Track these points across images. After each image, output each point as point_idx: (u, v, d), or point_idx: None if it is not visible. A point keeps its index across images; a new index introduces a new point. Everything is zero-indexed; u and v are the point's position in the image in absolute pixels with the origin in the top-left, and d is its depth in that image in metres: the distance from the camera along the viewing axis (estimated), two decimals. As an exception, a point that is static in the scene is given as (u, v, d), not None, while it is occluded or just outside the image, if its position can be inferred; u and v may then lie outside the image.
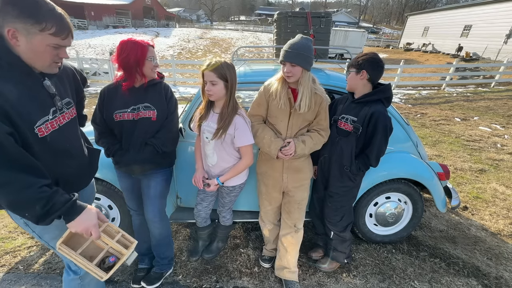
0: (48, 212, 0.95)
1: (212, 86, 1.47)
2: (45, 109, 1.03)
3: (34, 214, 0.94)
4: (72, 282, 1.31)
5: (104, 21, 31.25)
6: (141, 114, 1.48)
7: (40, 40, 0.92)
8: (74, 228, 1.04)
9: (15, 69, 0.94)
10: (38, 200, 0.93)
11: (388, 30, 49.15)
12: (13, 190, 0.89)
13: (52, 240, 1.17)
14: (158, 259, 1.85)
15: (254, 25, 48.57)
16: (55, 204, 0.96)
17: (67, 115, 1.14)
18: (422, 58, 18.58)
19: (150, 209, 1.67)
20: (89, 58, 9.94)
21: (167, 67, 10.55)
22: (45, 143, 1.02)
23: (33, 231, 1.17)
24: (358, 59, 1.59)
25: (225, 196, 1.83)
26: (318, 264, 2.05)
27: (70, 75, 1.23)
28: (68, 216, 1.02)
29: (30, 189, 0.92)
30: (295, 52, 1.44)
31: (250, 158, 1.64)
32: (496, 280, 2.00)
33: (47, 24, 0.90)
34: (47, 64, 0.98)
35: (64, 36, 0.96)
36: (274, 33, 3.01)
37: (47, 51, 0.95)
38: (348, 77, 1.65)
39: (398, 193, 2.13)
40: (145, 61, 1.41)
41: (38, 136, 0.99)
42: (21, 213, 0.96)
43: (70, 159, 1.15)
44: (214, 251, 2.10)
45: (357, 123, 1.62)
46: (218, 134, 1.54)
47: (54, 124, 1.06)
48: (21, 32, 0.89)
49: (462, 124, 6.11)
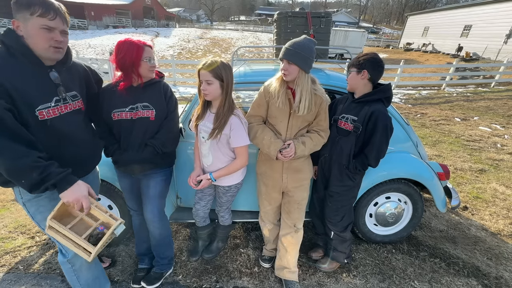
0: (43, 180, 1.06)
1: (208, 86, 1.46)
2: (48, 97, 1.16)
3: (30, 181, 1.05)
4: (64, 266, 1.40)
5: (104, 21, 31.28)
6: (139, 114, 1.48)
7: (32, 24, 1.05)
8: (66, 198, 1.12)
9: (26, 59, 1.09)
10: (35, 168, 1.04)
11: (388, 30, 49.15)
12: (11, 156, 1.02)
13: (43, 221, 1.25)
14: (158, 259, 1.85)
15: (254, 25, 48.57)
16: (51, 173, 1.07)
17: (71, 106, 1.26)
18: (422, 58, 18.58)
19: (149, 209, 1.67)
20: (89, 58, 9.96)
21: (167, 67, 10.56)
22: (44, 126, 1.15)
23: (28, 211, 1.27)
24: (359, 59, 1.59)
25: (222, 196, 1.83)
26: (318, 264, 2.05)
27: (81, 72, 1.36)
28: (61, 185, 1.11)
29: (27, 158, 1.04)
30: (293, 50, 1.43)
31: (245, 159, 1.63)
32: (496, 280, 2.00)
33: (35, 8, 1.04)
34: (45, 47, 1.09)
35: (51, 17, 1.07)
36: (274, 33, 3.01)
37: (41, 33, 1.07)
38: (349, 77, 1.65)
39: (398, 193, 2.13)
40: (141, 62, 1.40)
41: (38, 119, 1.13)
42: (18, 179, 1.06)
43: (70, 145, 1.27)
44: (214, 251, 2.10)
45: (358, 122, 1.62)
46: (213, 134, 1.53)
47: (55, 111, 1.19)
48: (21, 21, 1.06)
49: (462, 124, 6.11)
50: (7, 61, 1.07)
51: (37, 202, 1.25)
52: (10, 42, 1.07)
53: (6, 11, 25.23)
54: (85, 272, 1.45)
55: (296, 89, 1.50)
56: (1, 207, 2.71)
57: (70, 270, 1.40)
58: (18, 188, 1.22)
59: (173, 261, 1.95)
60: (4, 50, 1.08)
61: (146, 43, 1.43)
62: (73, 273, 1.41)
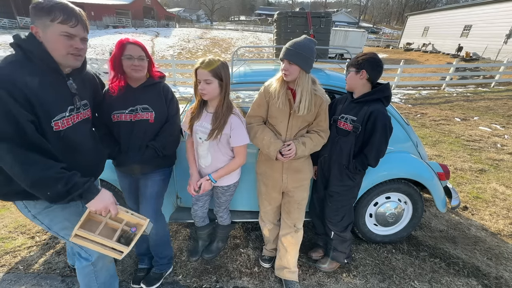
0: (69, 191, 1.07)
1: (206, 85, 1.43)
2: (64, 106, 1.15)
3: (56, 193, 1.05)
4: (85, 269, 1.37)
5: (104, 21, 31.25)
6: (138, 116, 1.48)
7: (53, 30, 1.02)
8: (94, 207, 1.15)
9: (45, 65, 1.06)
10: (59, 180, 1.05)
11: (388, 30, 49.14)
12: (36, 169, 1.01)
13: (61, 231, 1.26)
14: (157, 258, 1.85)
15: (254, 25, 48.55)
16: (76, 184, 1.08)
17: (82, 115, 1.25)
18: (422, 58, 18.58)
19: (145, 208, 1.66)
20: (89, 58, 9.95)
21: (167, 67, 10.55)
22: (58, 137, 1.13)
23: (42, 222, 1.24)
24: (358, 59, 1.59)
25: (221, 196, 1.83)
26: (318, 264, 2.05)
27: (91, 79, 1.37)
28: (88, 195, 1.13)
29: (51, 170, 1.04)
30: (294, 50, 1.43)
31: (244, 158, 1.63)
32: (496, 280, 2.00)
33: (56, 14, 1.01)
34: (64, 54, 1.07)
35: (73, 24, 1.04)
36: (274, 33, 3.01)
37: (61, 40, 1.04)
38: (348, 77, 1.65)
39: (398, 193, 2.13)
40: (121, 59, 1.39)
41: (53, 130, 1.11)
42: (43, 191, 1.05)
43: (78, 155, 1.25)
44: (214, 251, 2.10)
45: (357, 122, 1.62)
46: (213, 134, 1.51)
47: (69, 121, 1.17)
48: (40, 28, 1.03)
49: (462, 124, 6.11)
50: (26, 67, 1.03)
51: (48, 213, 1.22)
52: (30, 47, 1.03)
53: (6, 10, 25.27)
54: (104, 272, 1.44)
55: (297, 89, 1.50)
56: (1, 207, 2.71)
57: (91, 272, 1.38)
58: (22, 202, 1.19)
59: (172, 261, 1.94)
60: (21, 54, 1.04)
61: (130, 40, 1.40)
62: (93, 274, 1.39)
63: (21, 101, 0.98)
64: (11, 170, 1.01)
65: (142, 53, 1.42)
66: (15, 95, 0.96)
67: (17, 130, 0.98)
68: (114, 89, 1.46)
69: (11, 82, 0.96)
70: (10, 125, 0.96)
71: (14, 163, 0.99)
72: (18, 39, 1.04)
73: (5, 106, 0.95)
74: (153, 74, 1.54)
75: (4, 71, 0.98)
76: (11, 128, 0.96)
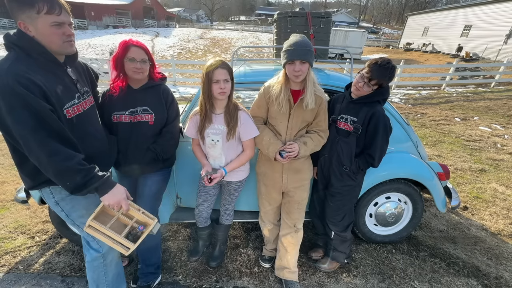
0: (86, 183, 1.10)
1: (226, 84, 1.45)
2: (72, 93, 1.18)
3: (75, 183, 1.08)
4: (95, 262, 1.39)
5: (104, 21, 31.25)
6: (138, 118, 1.48)
7: (42, 22, 1.02)
8: (108, 201, 1.17)
9: (44, 58, 1.07)
10: (79, 171, 1.08)
11: (388, 30, 49.14)
12: (59, 159, 1.04)
13: (78, 219, 1.29)
14: (143, 266, 1.77)
15: (254, 25, 48.56)
16: (94, 177, 1.11)
17: (88, 102, 1.28)
18: (422, 58, 18.58)
19: (142, 207, 1.63)
20: (89, 58, 9.95)
21: (167, 67, 10.54)
22: (72, 124, 1.16)
23: (62, 209, 1.28)
24: (386, 77, 1.50)
25: (233, 193, 1.84)
26: (318, 264, 2.05)
27: (84, 69, 1.37)
28: (103, 189, 1.16)
29: (72, 160, 1.06)
30: (304, 49, 1.41)
31: (253, 150, 1.67)
32: (496, 280, 2.00)
33: (39, 5, 1.00)
34: (60, 43, 1.08)
35: (58, 12, 1.04)
36: (274, 33, 3.01)
37: (53, 31, 1.05)
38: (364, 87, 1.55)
39: (398, 193, 2.13)
40: (123, 61, 1.39)
41: (66, 117, 1.14)
42: (64, 181, 1.09)
43: (94, 140, 1.29)
44: (219, 256, 2.05)
45: (357, 123, 1.62)
46: (231, 133, 1.53)
47: (79, 108, 1.20)
48: (27, 22, 1.02)
49: (462, 124, 6.11)
50: (28, 62, 1.04)
51: (71, 200, 1.26)
52: (24, 44, 1.03)
53: (6, 10, 25.28)
54: (113, 267, 1.45)
55: (307, 84, 1.50)
56: (1, 207, 2.70)
57: (101, 265, 1.39)
58: (49, 188, 1.22)
59: (160, 270, 1.86)
60: (20, 51, 1.04)
61: (134, 42, 1.40)
62: (102, 268, 1.40)
63: (38, 93, 1.00)
64: (38, 160, 1.04)
65: (145, 56, 1.42)
66: (31, 88, 0.99)
67: (40, 121, 1.00)
68: (116, 89, 1.47)
69: (24, 77, 0.98)
70: (32, 118, 0.99)
71: (40, 153, 1.02)
72: (10, 38, 1.04)
73: (24, 100, 0.97)
74: (154, 75, 1.54)
75: (13, 68, 0.99)
76: (34, 120, 0.99)
